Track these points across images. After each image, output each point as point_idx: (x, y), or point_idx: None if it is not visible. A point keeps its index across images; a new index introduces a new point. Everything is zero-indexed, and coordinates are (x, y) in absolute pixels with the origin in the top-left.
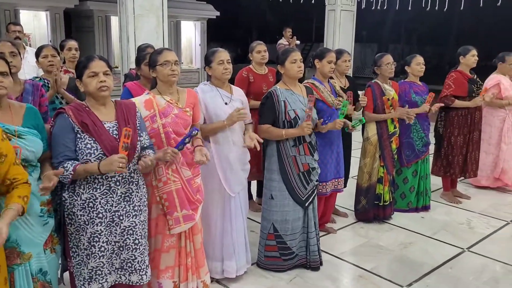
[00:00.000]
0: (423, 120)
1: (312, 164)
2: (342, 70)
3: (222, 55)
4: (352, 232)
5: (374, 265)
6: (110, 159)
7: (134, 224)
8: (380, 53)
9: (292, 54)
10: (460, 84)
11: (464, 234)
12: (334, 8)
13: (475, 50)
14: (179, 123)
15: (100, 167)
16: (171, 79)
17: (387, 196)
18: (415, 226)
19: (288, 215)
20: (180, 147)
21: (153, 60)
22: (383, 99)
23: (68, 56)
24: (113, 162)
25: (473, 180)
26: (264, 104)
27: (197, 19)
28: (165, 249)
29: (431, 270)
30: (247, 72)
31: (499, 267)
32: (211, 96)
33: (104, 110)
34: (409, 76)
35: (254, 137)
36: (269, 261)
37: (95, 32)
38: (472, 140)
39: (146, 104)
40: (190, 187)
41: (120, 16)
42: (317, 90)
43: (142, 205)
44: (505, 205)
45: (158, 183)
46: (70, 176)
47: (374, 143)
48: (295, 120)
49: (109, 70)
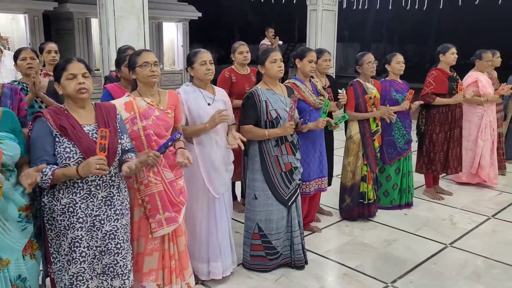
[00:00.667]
0: (405, 118)
1: (294, 164)
2: (323, 69)
3: (204, 56)
4: (337, 230)
5: (359, 262)
6: (87, 162)
7: (116, 228)
8: (361, 52)
9: (272, 54)
10: (441, 81)
11: (447, 230)
12: (316, 8)
13: (454, 48)
14: (161, 125)
15: (78, 171)
16: (151, 81)
17: (371, 194)
18: (398, 223)
19: (272, 214)
20: (162, 151)
21: (133, 62)
22: (365, 98)
23: (47, 59)
24: (90, 164)
25: (455, 177)
26: (245, 104)
27: (179, 20)
28: (148, 252)
29: (415, 266)
30: (229, 73)
31: (480, 261)
32: (193, 97)
33: (84, 113)
34: (389, 75)
35: (237, 136)
36: (255, 261)
37: (75, 35)
38: (453, 137)
39: (127, 106)
40: (173, 189)
41: (100, 18)
42: (298, 90)
43: (124, 209)
44: (485, 201)
45: (140, 186)
46: (49, 181)
47: (357, 142)
48: (276, 120)
49: (87, 72)
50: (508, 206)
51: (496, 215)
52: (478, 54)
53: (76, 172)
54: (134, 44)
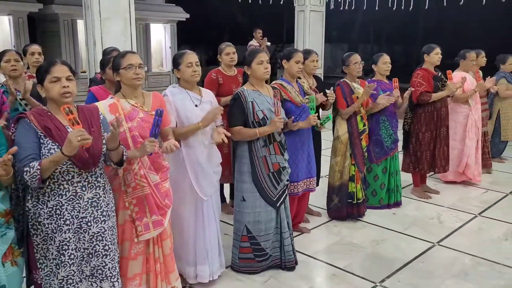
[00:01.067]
0: (392, 117)
1: (282, 164)
2: (310, 70)
3: (190, 57)
4: (326, 231)
5: (348, 263)
6: (67, 139)
7: (103, 230)
8: (348, 53)
9: (258, 55)
10: (427, 81)
11: (434, 229)
12: (303, 9)
13: (438, 48)
14: (145, 127)
15: (63, 151)
16: (136, 83)
17: (360, 194)
18: (387, 222)
19: (260, 216)
20: (153, 133)
21: (117, 64)
22: (352, 98)
23: (31, 61)
24: (71, 139)
25: (442, 176)
26: (232, 106)
27: (166, 22)
28: (133, 256)
29: (403, 265)
30: (216, 74)
31: (468, 259)
32: (180, 99)
33: None
34: (376, 75)
35: (221, 131)
36: (243, 263)
37: (61, 36)
38: (440, 136)
39: (111, 108)
40: (158, 192)
41: (86, 19)
42: (285, 91)
43: (110, 210)
44: (472, 199)
45: (127, 188)
46: (38, 172)
47: (345, 142)
48: (263, 121)
49: (72, 75)
50: (494, 204)
51: (482, 213)
52: (462, 54)
53: (62, 153)
54: (121, 45)
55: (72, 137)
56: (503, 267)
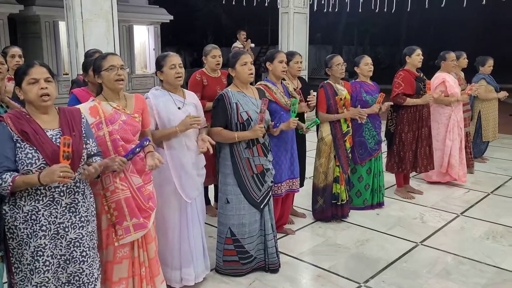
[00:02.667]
0: (375, 119)
1: (266, 165)
2: (294, 71)
3: (173, 59)
4: (311, 232)
5: (332, 263)
6: (50, 169)
7: (81, 236)
8: (330, 55)
9: (242, 57)
10: (408, 82)
11: (418, 229)
12: (287, 10)
13: (419, 49)
14: (128, 129)
15: (40, 178)
16: (117, 85)
17: (344, 195)
18: (371, 223)
19: (244, 218)
20: (130, 157)
21: (98, 66)
22: (336, 99)
23: (11, 63)
24: (53, 171)
25: (425, 176)
26: (215, 107)
27: (150, 23)
28: (118, 260)
29: (387, 266)
30: (200, 75)
31: (450, 258)
32: (163, 101)
33: (47, 118)
34: (359, 76)
35: (206, 139)
36: (227, 266)
37: (43, 38)
38: (421, 136)
39: (92, 111)
40: (141, 195)
41: (68, 21)
42: (270, 92)
43: (90, 215)
44: (455, 199)
45: (106, 192)
46: (9, 188)
47: (329, 143)
48: (247, 122)
49: (50, 77)
50: (476, 204)
51: (465, 213)
52: (442, 56)
53: (37, 180)
54: (104, 47)
55: (55, 170)
56: (484, 266)
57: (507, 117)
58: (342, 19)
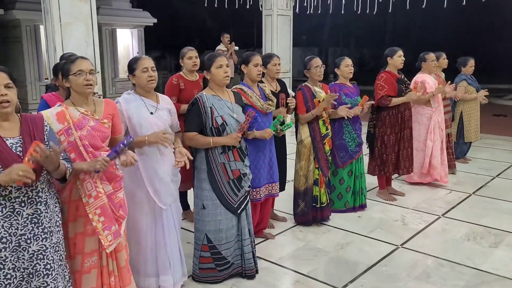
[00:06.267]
0: (355, 121)
1: (243, 170)
2: (273, 74)
3: (146, 63)
4: (291, 236)
5: (311, 268)
6: (10, 168)
7: (45, 248)
8: (309, 56)
9: (217, 59)
10: (390, 83)
11: (399, 231)
12: (271, 13)
13: (401, 51)
14: (96, 135)
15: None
16: (86, 90)
17: (324, 198)
18: (352, 226)
19: (221, 224)
20: (113, 156)
21: (66, 70)
22: (314, 102)
23: None
24: (12, 170)
25: (407, 177)
26: (190, 111)
27: (133, 27)
28: (86, 270)
29: (366, 269)
30: (177, 79)
31: (430, 261)
32: (135, 106)
33: (7, 125)
34: (339, 78)
35: (184, 152)
36: (204, 273)
37: (24, 43)
38: (403, 138)
39: (59, 117)
40: (112, 203)
41: (46, 24)
42: (245, 95)
43: (54, 226)
44: (436, 200)
45: (89, 199)
46: None
47: (308, 146)
48: (222, 127)
49: (11, 82)
50: (457, 205)
51: (446, 214)
52: (422, 57)
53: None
54: (83, 51)
55: (15, 168)
56: (464, 268)
57: (490, 117)
58: (327, 21)
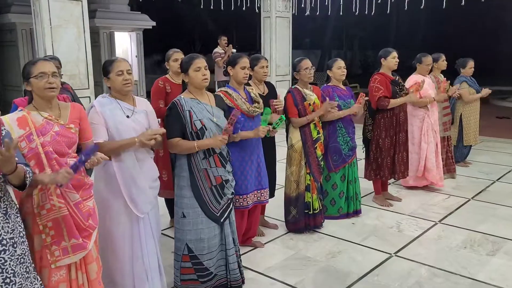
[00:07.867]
0: (348, 124)
1: (225, 176)
2: (260, 76)
3: (120, 65)
4: (281, 244)
5: (300, 279)
6: None
7: (3, 261)
8: (298, 58)
9: (195, 61)
10: (385, 85)
11: (393, 238)
12: (269, 15)
13: (395, 52)
14: (61, 141)
15: None
16: (48, 93)
17: (316, 204)
18: (345, 233)
19: (202, 233)
20: (76, 166)
21: (27, 72)
22: (304, 104)
23: None
24: None
25: (403, 181)
26: (169, 115)
27: (131, 30)
28: (53, 285)
29: (358, 279)
30: (163, 82)
31: (424, 270)
32: (110, 109)
33: None
34: (332, 80)
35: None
36: (185, 285)
37: (19, 46)
38: (399, 141)
39: (20, 122)
40: (79, 212)
41: (36, 27)
42: (230, 98)
43: (17, 237)
44: (433, 205)
45: (41, 210)
46: None
47: (299, 150)
48: (201, 131)
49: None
50: (455, 210)
51: (443, 220)
52: (418, 58)
53: None
54: (74, 54)
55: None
56: (459, 278)
57: (492, 119)
58: (330, 24)
